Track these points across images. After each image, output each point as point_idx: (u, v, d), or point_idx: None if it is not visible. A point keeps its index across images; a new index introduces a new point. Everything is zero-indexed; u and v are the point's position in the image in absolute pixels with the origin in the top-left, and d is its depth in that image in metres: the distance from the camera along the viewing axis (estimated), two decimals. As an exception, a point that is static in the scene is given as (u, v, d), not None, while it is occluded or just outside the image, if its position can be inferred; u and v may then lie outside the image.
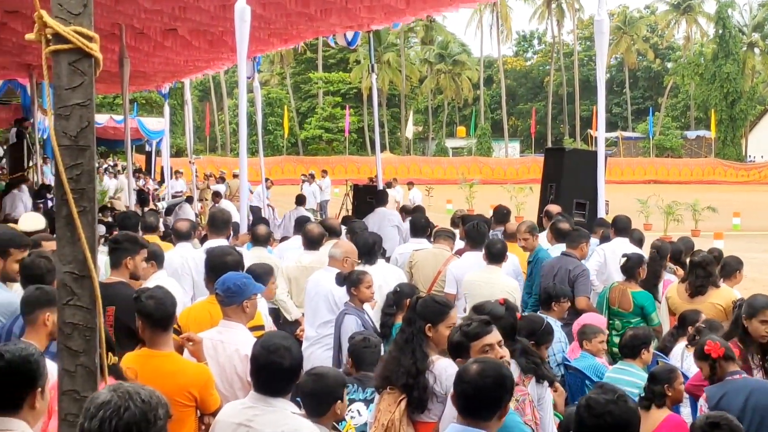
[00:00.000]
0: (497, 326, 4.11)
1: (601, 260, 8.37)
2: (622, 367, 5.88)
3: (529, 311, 7.29)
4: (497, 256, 7.19)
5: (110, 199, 22.25)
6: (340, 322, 6.10)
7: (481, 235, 7.86)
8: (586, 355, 6.33)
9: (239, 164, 9.66)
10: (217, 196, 18.58)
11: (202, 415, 4.37)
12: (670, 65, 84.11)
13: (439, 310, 4.37)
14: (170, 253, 7.34)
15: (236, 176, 22.36)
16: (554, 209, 9.81)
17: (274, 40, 14.12)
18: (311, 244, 7.88)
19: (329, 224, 8.81)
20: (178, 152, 49.51)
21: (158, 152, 32.06)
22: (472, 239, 7.93)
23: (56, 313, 2.89)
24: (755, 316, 5.27)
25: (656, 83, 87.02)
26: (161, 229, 10.50)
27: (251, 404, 3.71)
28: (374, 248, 7.29)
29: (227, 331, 4.76)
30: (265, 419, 3.62)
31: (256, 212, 14.77)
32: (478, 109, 76.76)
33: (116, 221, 10.22)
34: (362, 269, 6.59)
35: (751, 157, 68.83)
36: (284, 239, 10.63)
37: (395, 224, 11.57)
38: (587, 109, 76.48)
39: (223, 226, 7.87)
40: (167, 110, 23.25)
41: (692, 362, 5.38)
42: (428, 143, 77.08)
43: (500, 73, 78.72)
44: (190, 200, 19.22)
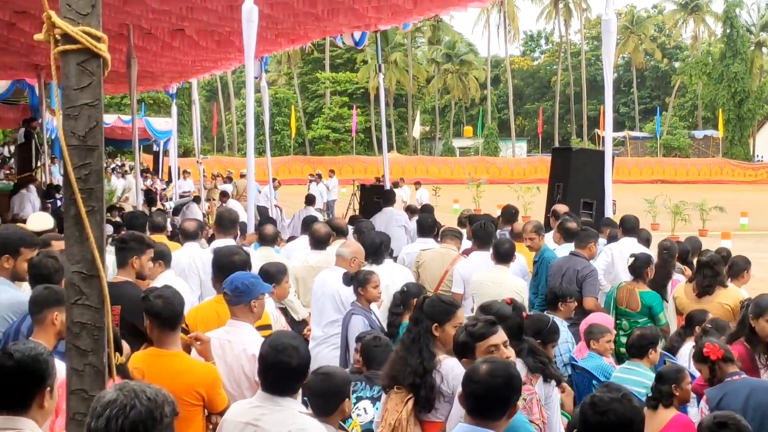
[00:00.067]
0: (504, 326, 4.12)
1: (608, 260, 8.36)
2: (629, 367, 5.87)
3: (535, 311, 7.28)
4: (505, 255, 7.18)
5: (119, 200, 22.31)
6: (347, 322, 6.10)
7: (488, 234, 7.85)
8: (593, 355, 6.31)
9: (246, 164, 9.68)
10: (224, 195, 18.57)
11: (209, 414, 4.38)
12: (677, 65, 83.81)
13: (445, 309, 4.37)
14: (178, 252, 7.35)
15: (243, 176, 22.36)
16: (561, 209, 9.80)
17: (281, 40, 14.12)
18: (318, 243, 7.87)
19: (336, 224, 8.81)
20: (185, 152, 49.63)
21: (166, 152, 32.12)
22: (479, 239, 7.92)
23: (64, 312, 2.90)
24: (762, 315, 5.27)
25: (664, 83, 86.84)
26: (169, 228, 10.52)
27: (259, 403, 3.71)
28: (381, 248, 7.28)
29: (235, 330, 4.77)
30: (272, 418, 3.62)
31: (263, 212, 14.77)
32: (485, 108, 76.72)
33: (124, 221, 10.25)
34: (369, 269, 6.59)
35: (758, 156, 68.64)
36: (291, 239, 10.64)
37: (402, 224, 11.55)
38: (594, 108, 76.29)
39: (230, 225, 7.89)
40: (175, 110, 23.35)
41: (698, 362, 5.37)
42: (435, 143, 76.99)
43: (507, 72, 78.72)
44: (197, 200, 19.26)
